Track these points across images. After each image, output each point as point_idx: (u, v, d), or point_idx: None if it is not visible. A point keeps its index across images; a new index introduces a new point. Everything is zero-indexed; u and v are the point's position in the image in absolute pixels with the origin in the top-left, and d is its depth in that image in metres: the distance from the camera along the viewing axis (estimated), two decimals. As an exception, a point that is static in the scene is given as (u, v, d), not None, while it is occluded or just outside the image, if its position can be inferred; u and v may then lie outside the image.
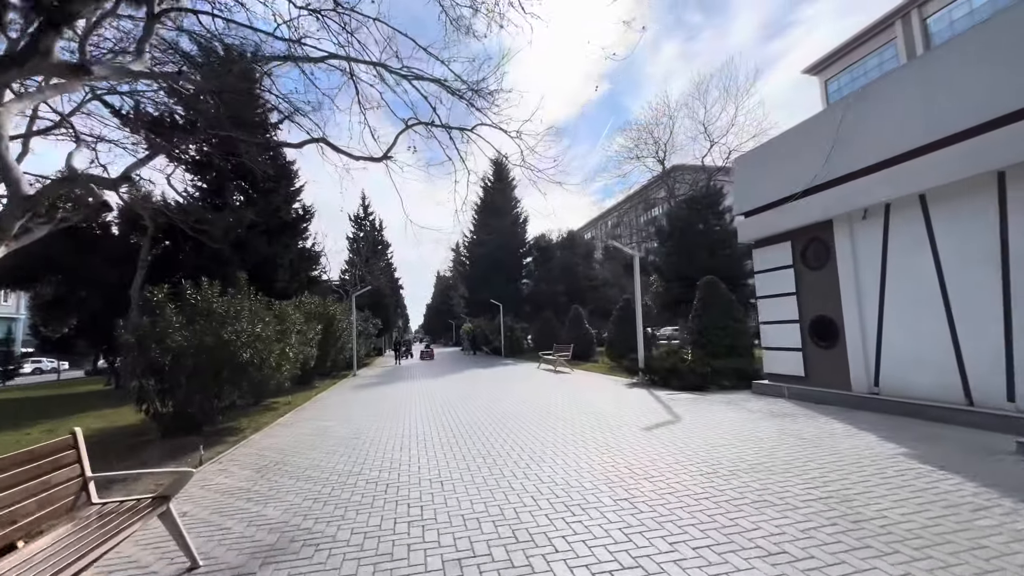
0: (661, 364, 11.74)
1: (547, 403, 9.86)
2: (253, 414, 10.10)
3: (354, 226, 46.62)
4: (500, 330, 31.24)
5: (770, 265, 9.46)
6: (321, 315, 16.70)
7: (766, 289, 9.59)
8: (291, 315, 12.15)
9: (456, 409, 9.71)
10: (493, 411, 9.18)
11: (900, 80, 7.10)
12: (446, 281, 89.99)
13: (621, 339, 17.61)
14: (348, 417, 9.37)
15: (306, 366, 12.98)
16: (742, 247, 22.40)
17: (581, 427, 7.28)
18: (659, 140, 29.13)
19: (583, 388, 12.15)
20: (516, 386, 13.38)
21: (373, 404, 11.15)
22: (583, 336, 23.00)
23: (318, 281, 26.56)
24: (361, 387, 15.42)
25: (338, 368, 20.85)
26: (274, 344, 9.31)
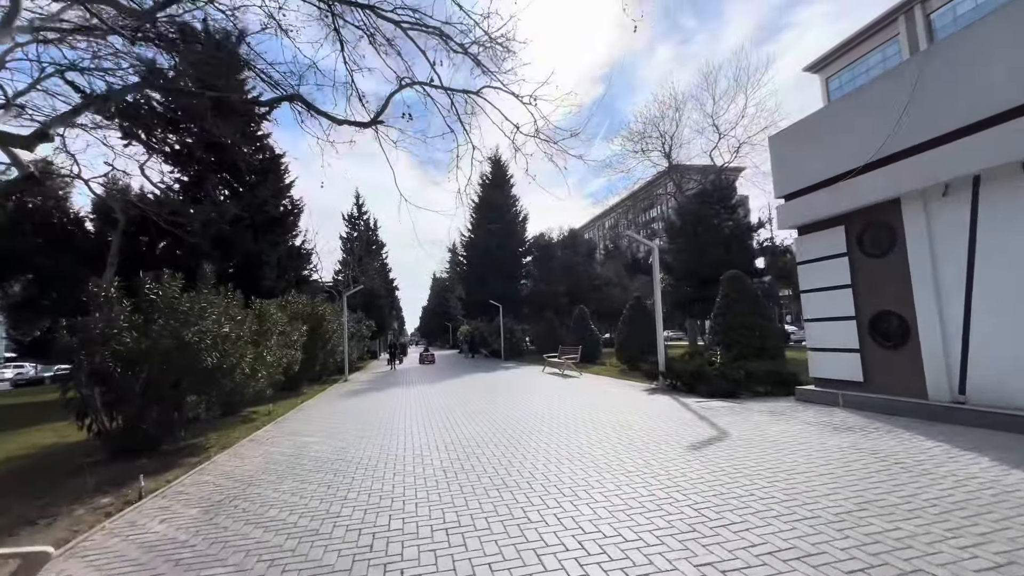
0: (685, 368, 10.54)
1: (561, 413, 8.63)
2: (225, 427, 8.81)
3: (348, 225, 45.33)
4: (500, 332, 29.99)
5: (818, 254, 8.28)
6: (308, 315, 15.42)
7: (813, 282, 8.41)
8: (273, 315, 10.88)
9: (458, 421, 8.46)
10: (501, 423, 7.94)
11: (1008, 19, 5.87)
12: (442, 283, 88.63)
13: (632, 341, 16.41)
14: (333, 431, 8.09)
15: (290, 371, 11.70)
16: (757, 243, 21.36)
17: (611, 445, 6.05)
18: (665, 134, 28.03)
19: (598, 395, 10.92)
20: (523, 392, 12.14)
21: (363, 414, 9.88)
22: (589, 338, 21.77)
23: (308, 281, 25.27)
24: (352, 394, 14.13)
25: (328, 372, 19.54)
26: (247, 347, 8.03)
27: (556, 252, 36.14)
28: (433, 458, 5.86)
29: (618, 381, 13.70)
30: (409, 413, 9.67)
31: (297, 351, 11.93)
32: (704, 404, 8.85)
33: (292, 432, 8.19)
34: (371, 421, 8.92)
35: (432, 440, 6.90)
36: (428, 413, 9.55)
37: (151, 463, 6.48)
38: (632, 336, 16.42)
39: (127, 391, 6.74)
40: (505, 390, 12.86)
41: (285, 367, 11.46)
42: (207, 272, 7.54)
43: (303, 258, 24.28)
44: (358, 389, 15.52)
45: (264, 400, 11.36)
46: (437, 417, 8.99)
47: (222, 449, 7.13)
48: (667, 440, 6.11)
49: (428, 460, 5.76)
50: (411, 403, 11.24)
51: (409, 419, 8.93)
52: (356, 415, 9.81)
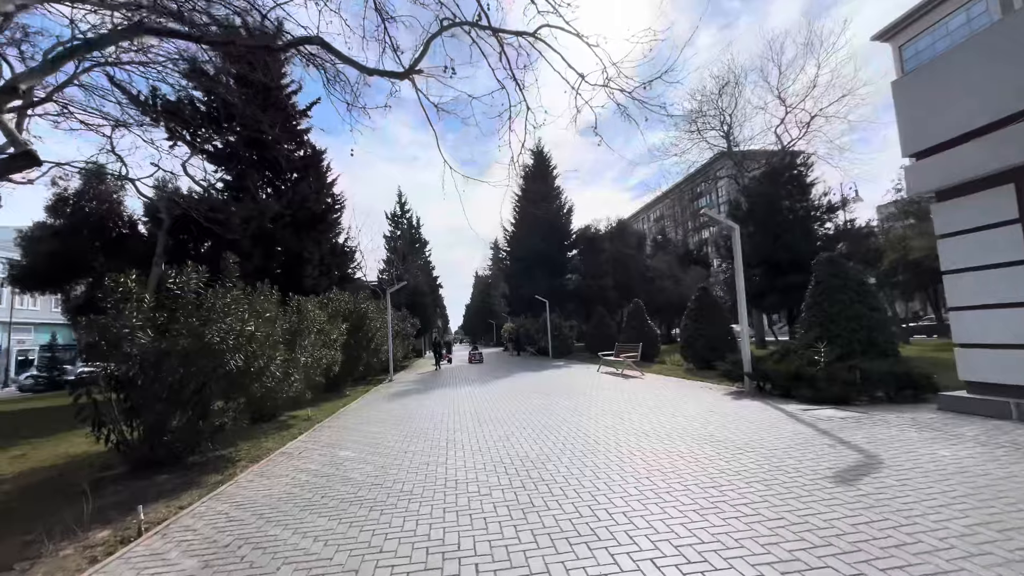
0: (780, 368, 8.87)
1: (637, 422, 7.26)
2: (259, 435, 8.02)
3: (391, 224, 45.40)
4: (547, 329, 28.68)
5: (970, 224, 6.48)
6: (350, 313, 14.72)
7: (961, 259, 6.61)
8: (311, 312, 10.08)
9: (515, 432, 7.26)
10: (566, 436, 6.67)
11: None
12: (484, 281, 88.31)
13: (700, 337, 14.69)
14: (373, 442, 7.09)
15: (329, 372, 10.92)
16: (835, 226, 18.92)
17: (720, 471, 4.64)
18: (724, 110, 25.71)
19: (672, 399, 9.44)
20: (583, 396, 10.82)
21: (407, 422, 8.87)
22: (646, 334, 20.10)
23: (352, 279, 24.90)
24: (396, 396, 13.26)
25: (373, 372, 18.92)
26: (278, 348, 7.16)
27: (604, 244, 34.41)
28: (492, 485, 4.67)
29: (688, 382, 12.10)
30: (458, 421, 8.57)
31: (336, 351, 11.14)
32: (813, 413, 7.22)
33: (329, 443, 7.26)
34: (416, 430, 7.88)
35: (488, 459, 5.73)
36: (479, 421, 8.41)
37: (172, 479, 5.68)
38: (700, 332, 14.70)
39: (147, 397, 5.98)
40: (562, 393, 11.57)
41: (325, 368, 10.70)
42: (230, 264, 6.67)
43: (346, 256, 23.90)
44: (403, 391, 14.67)
45: (304, 404, 10.64)
46: (490, 426, 7.83)
47: (251, 463, 6.26)
48: (796, 467, 4.64)
49: (486, 489, 4.57)
50: (459, 408, 10.16)
51: (458, 428, 7.81)
52: (399, 422, 8.81)
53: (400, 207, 46.68)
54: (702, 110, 26.46)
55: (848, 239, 17.62)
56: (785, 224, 17.38)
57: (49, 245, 18.69)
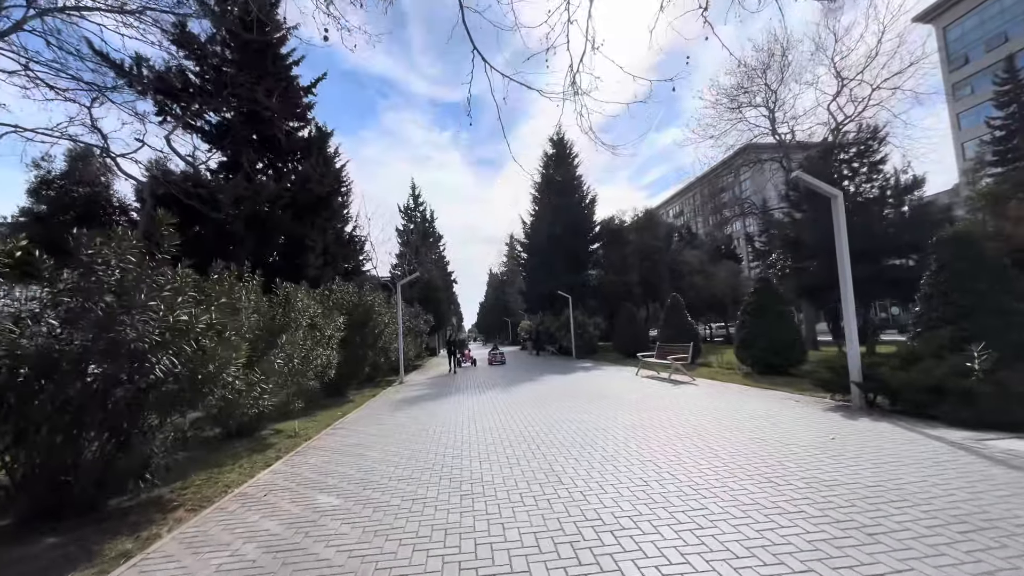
0: (911, 378, 6.66)
1: (729, 455, 5.15)
2: (226, 459, 6.11)
3: (404, 217, 43.67)
4: (570, 327, 26.55)
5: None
6: (354, 307, 12.82)
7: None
8: (300, 301, 8.15)
9: (565, 463, 5.21)
10: (644, 474, 4.59)
11: None
12: (498, 279, 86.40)
13: (760, 336, 12.45)
14: (370, 478, 5.10)
15: (324, 375, 8.99)
16: (905, 212, 16.32)
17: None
18: (769, 85, 23.25)
19: (761, 417, 7.29)
20: (635, 408, 8.72)
21: (417, 442, 6.87)
22: (686, 332, 17.87)
23: (361, 272, 23.11)
24: (406, 403, 11.30)
25: (381, 373, 17.04)
26: (238, 348, 5.20)
27: (629, 236, 32.12)
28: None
29: (758, 391, 9.91)
30: (483, 444, 6.54)
31: (332, 350, 9.21)
32: (995, 444, 5.03)
33: (309, 478, 5.28)
34: (429, 458, 5.87)
35: (539, 522, 3.67)
36: (509, 444, 6.38)
37: (63, 543, 3.77)
38: (760, 330, 12.46)
39: (32, 419, 4.07)
40: (607, 403, 9.49)
41: (319, 371, 8.77)
42: (162, 219, 4.68)
43: (354, 246, 22.13)
44: (414, 396, 12.71)
45: (295, 413, 8.73)
46: (527, 454, 5.78)
47: (191, 511, 4.33)
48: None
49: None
50: (483, 423, 8.13)
51: (485, 457, 5.78)
52: (407, 443, 6.82)
53: (414, 199, 44.93)
54: (743, 85, 24.04)
55: (924, 224, 15.17)
56: (851, 208, 14.97)
57: (32, 231, 17.17)
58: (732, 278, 35.06)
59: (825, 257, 15.49)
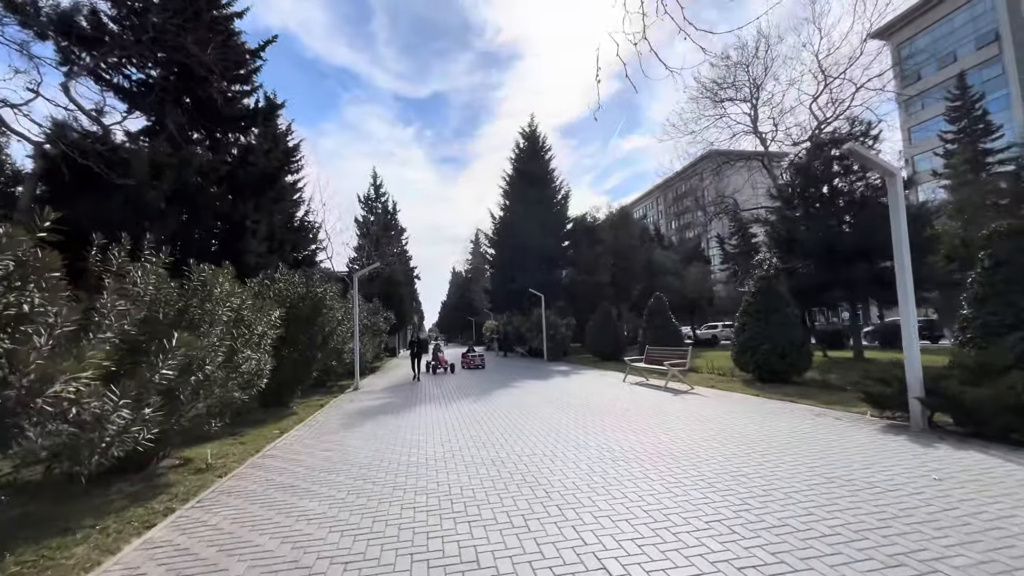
0: (998, 396, 5.40)
1: (801, 507, 3.64)
2: (92, 511, 4.05)
3: (364, 207, 40.95)
4: (541, 327, 25.02)
5: None
6: (300, 299, 10.72)
7: None
8: (220, 289, 6.11)
9: (581, 514, 3.53)
10: (747, 562, 3.00)
11: None
12: (462, 277, 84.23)
13: (761, 340, 11.27)
14: (299, 563, 3.24)
15: (253, 385, 6.94)
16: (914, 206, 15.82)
17: None
18: (755, 80, 22.62)
19: (810, 441, 5.89)
20: (645, 427, 7.18)
21: (372, 482, 4.99)
22: (671, 335, 16.70)
23: (313, 263, 20.68)
24: (361, 416, 9.33)
25: (333, 377, 14.88)
26: (82, 357, 3.21)
27: (602, 235, 30.97)
28: None
29: (777, 404, 8.62)
30: (468, 487, 4.77)
31: (264, 353, 7.14)
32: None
33: (198, 568, 3.36)
34: (391, 516, 4.04)
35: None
36: (505, 489, 4.64)
37: None
38: (763, 334, 11.28)
39: None
40: (604, 418, 7.91)
41: (247, 379, 6.73)
42: None
43: (306, 233, 19.71)
44: (371, 407, 10.74)
45: (216, 434, 6.65)
46: (537, 513, 4.07)
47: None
48: None
49: None
50: (460, 449, 6.34)
51: (474, 517, 4.02)
52: (360, 484, 4.94)
53: (375, 190, 42.24)
54: (726, 80, 23.32)
55: (919, 226, 14.57)
56: (850, 204, 14.18)
57: None
58: (703, 279, 34.68)
59: (816, 258, 14.66)
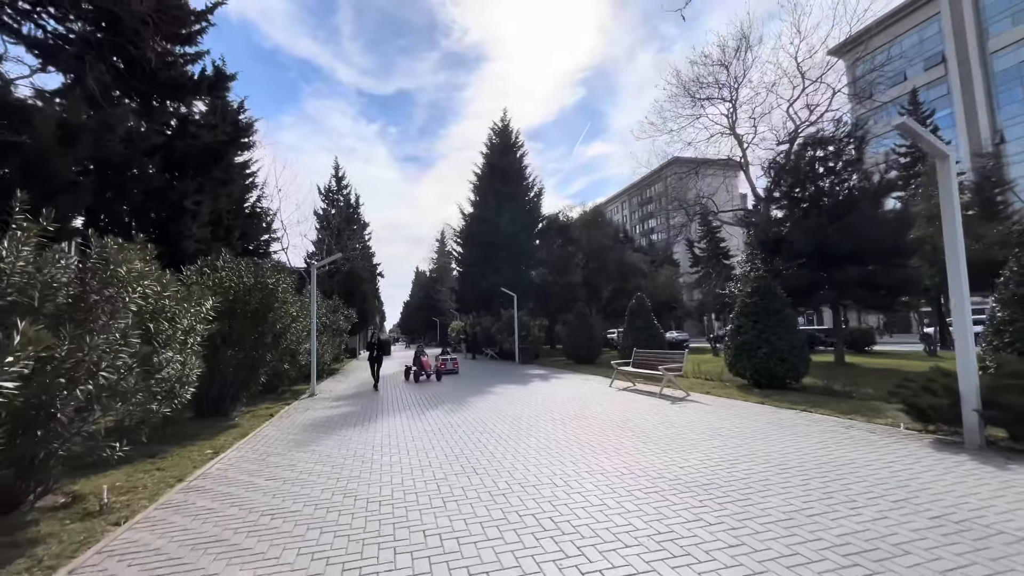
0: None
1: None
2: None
3: (324, 200, 38.56)
4: (512, 328, 23.88)
5: None
6: (248, 290, 9.14)
7: None
8: (127, 269, 4.59)
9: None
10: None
11: None
12: (426, 277, 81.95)
13: (759, 344, 10.55)
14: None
15: (175, 395, 5.42)
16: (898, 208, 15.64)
17: None
18: (736, 77, 22.46)
19: (851, 464, 5.02)
20: (666, 447, 6.15)
21: (329, 534, 3.67)
22: (654, 338, 15.93)
23: (267, 254, 18.75)
24: (314, 431, 7.84)
25: (286, 381, 13.21)
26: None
27: (575, 234, 30.19)
28: None
29: (790, 414, 7.81)
30: (461, 535, 3.52)
31: (190, 355, 5.61)
32: None
33: None
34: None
35: None
36: (510, 529, 3.43)
37: None
38: (759, 337, 10.56)
39: None
40: (610, 435, 6.84)
41: (165, 390, 5.21)
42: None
43: (258, 221, 17.77)
44: (328, 417, 9.24)
45: (113, 461, 5.09)
46: (554, 567, 2.88)
47: None
48: None
49: None
50: (441, 473, 5.07)
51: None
52: (310, 535, 3.60)
53: (337, 181, 39.86)
54: (705, 78, 23.06)
55: (903, 229, 14.42)
56: (842, 204, 13.79)
57: None
58: (672, 282, 34.57)
59: (810, 257, 14.23)
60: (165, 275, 5.20)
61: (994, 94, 44.27)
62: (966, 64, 45.84)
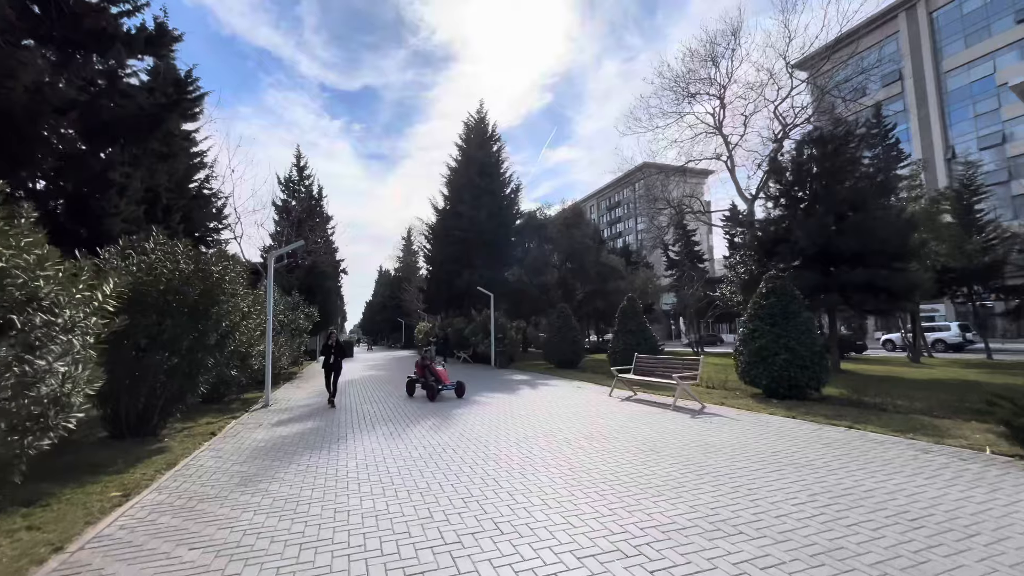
0: None
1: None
2: None
3: (284, 190, 35.91)
4: (488, 329, 22.43)
5: None
6: (185, 280, 7.36)
7: None
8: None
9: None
10: None
11: None
12: (390, 276, 79.05)
13: (785, 350, 9.58)
14: None
15: (44, 428, 3.69)
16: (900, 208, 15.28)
17: None
18: (725, 74, 21.98)
19: (986, 516, 3.91)
20: (717, 482, 4.94)
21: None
22: (647, 341, 14.89)
23: (216, 242, 16.59)
24: (267, 460, 6.16)
25: (235, 389, 11.31)
26: None
27: (553, 233, 29.04)
28: None
29: (836, 432, 6.78)
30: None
31: (77, 362, 3.91)
32: None
33: None
34: None
35: None
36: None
37: None
38: (777, 342, 9.59)
39: None
40: (647, 462, 5.57)
41: (47, 404, 3.50)
42: None
43: (207, 206, 15.60)
44: (286, 437, 7.55)
45: None
46: None
47: None
48: None
49: None
50: (445, 529, 3.62)
51: None
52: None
53: (298, 171, 37.22)
54: (694, 74, 22.48)
55: (908, 230, 13.91)
56: (848, 203, 13.12)
57: None
58: (649, 284, 34.03)
59: (813, 258, 13.52)
60: (43, 244, 3.50)
61: (947, 111, 46.42)
62: (921, 81, 47.92)
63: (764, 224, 15.03)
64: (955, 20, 45.14)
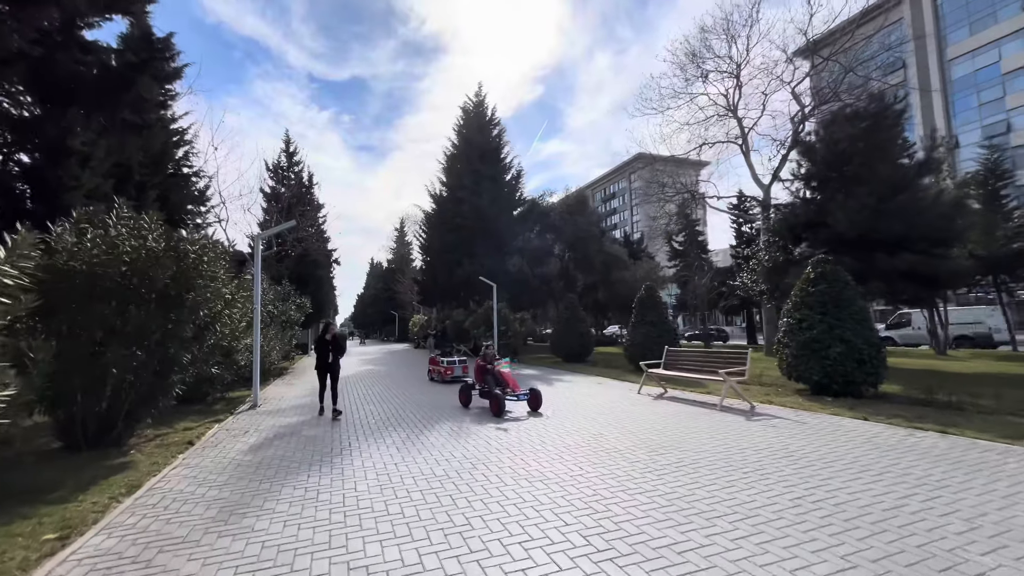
0: None
1: None
2: None
3: (272, 177, 34.24)
4: (493, 322, 21.28)
5: None
6: (154, 260, 6.13)
7: None
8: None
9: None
10: None
11: None
12: (382, 268, 77.43)
13: (835, 339, 8.56)
14: None
15: None
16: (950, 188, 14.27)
17: None
18: (745, 47, 20.96)
19: None
20: (860, 521, 3.86)
21: None
22: (668, 333, 13.83)
23: (195, 227, 15.22)
24: (253, 481, 4.97)
25: (221, 386, 10.07)
26: None
27: (557, 220, 27.87)
28: None
29: (928, 436, 5.76)
30: None
31: None
32: None
33: None
34: None
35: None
36: None
37: None
38: (829, 334, 8.57)
39: None
40: (762, 489, 4.50)
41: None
42: None
43: (185, 183, 14.22)
44: (272, 452, 6.37)
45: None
46: None
47: None
48: None
49: None
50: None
51: None
52: None
53: (288, 157, 35.54)
54: (708, 52, 21.39)
55: (953, 213, 12.93)
56: (894, 182, 12.09)
57: None
58: (653, 274, 33.08)
59: (851, 243, 12.49)
60: None
61: (951, 100, 45.79)
62: (925, 70, 47.19)
63: (790, 208, 14.00)
64: (960, 7, 44.39)
